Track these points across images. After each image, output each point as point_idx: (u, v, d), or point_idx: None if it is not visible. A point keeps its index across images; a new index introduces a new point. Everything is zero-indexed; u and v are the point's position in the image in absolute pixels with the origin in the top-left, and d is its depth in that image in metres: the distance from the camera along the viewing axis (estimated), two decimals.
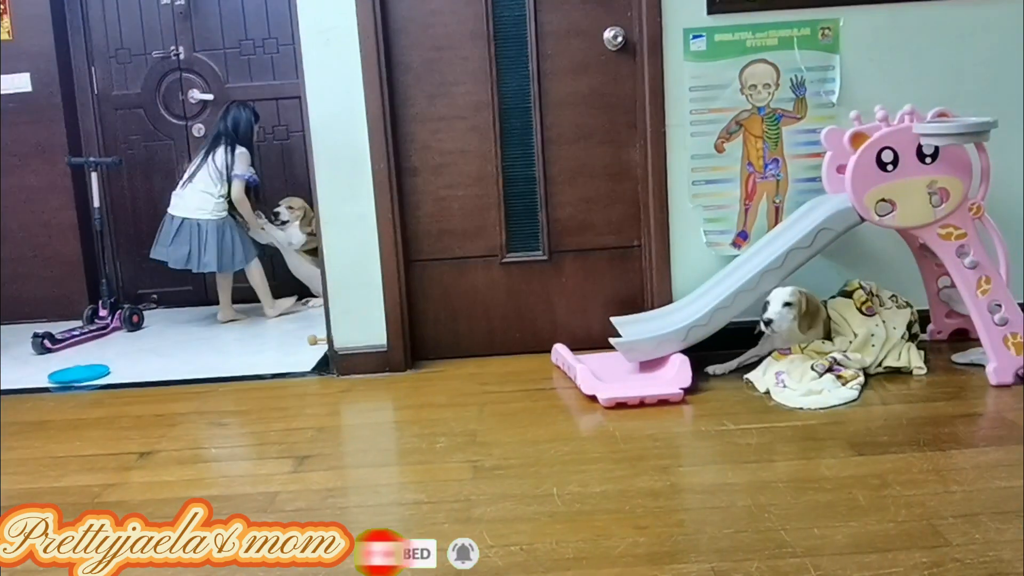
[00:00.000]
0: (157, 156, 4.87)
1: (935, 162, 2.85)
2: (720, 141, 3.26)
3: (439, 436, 2.68)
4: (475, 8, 3.30)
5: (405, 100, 3.35)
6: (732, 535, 1.94)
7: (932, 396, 2.78)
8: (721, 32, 3.21)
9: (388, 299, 3.38)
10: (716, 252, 3.30)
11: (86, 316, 4.42)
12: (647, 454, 2.44)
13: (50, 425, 3.04)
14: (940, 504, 2.03)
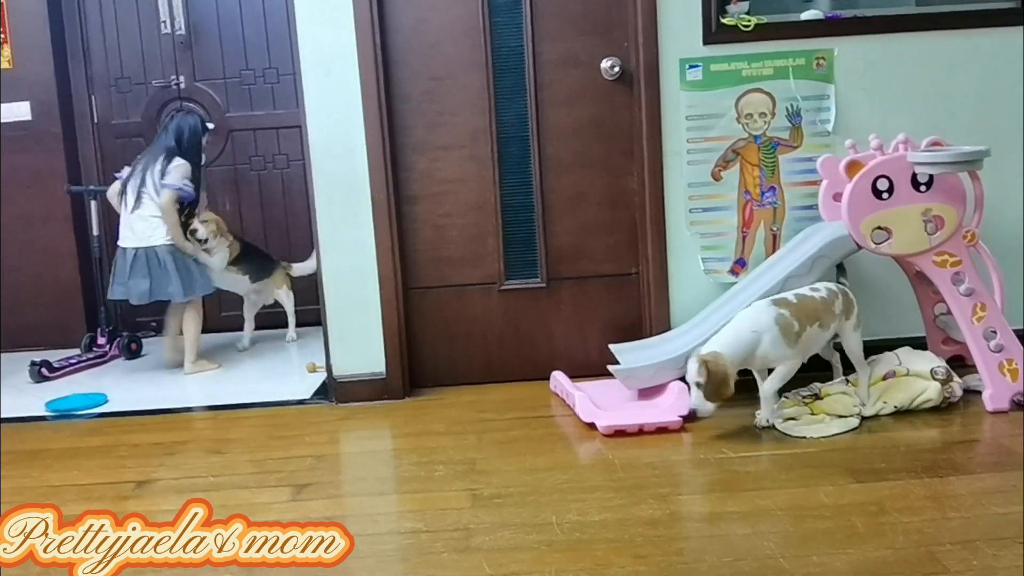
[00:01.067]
0: None
1: (930, 190, 2.88)
2: (717, 169, 3.29)
3: (437, 464, 2.68)
4: (473, 39, 3.34)
5: (404, 129, 3.37)
6: (731, 563, 1.93)
7: (929, 423, 2.78)
8: (717, 62, 3.24)
9: (386, 326, 3.39)
10: (714, 279, 3.32)
11: (84, 344, 4.41)
12: (646, 482, 2.44)
13: (47, 454, 3.03)
14: (938, 531, 2.03)
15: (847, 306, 2.86)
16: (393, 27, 3.32)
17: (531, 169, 3.41)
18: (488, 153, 3.40)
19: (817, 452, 2.58)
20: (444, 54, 3.35)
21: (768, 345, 2.68)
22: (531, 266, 3.48)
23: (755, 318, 2.71)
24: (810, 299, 2.79)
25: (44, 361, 4.09)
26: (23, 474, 2.82)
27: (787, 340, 2.69)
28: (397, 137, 3.37)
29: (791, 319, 2.70)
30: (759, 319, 2.70)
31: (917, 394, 2.86)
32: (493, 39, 3.35)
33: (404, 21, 3.33)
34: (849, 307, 2.86)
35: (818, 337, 2.80)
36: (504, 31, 3.35)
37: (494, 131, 3.39)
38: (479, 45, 3.34)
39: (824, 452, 2.57)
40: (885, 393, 2.88)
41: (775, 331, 2.68)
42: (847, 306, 2.86)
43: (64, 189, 4.66)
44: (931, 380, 2.87)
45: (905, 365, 2.94)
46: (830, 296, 2.82)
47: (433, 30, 3.34)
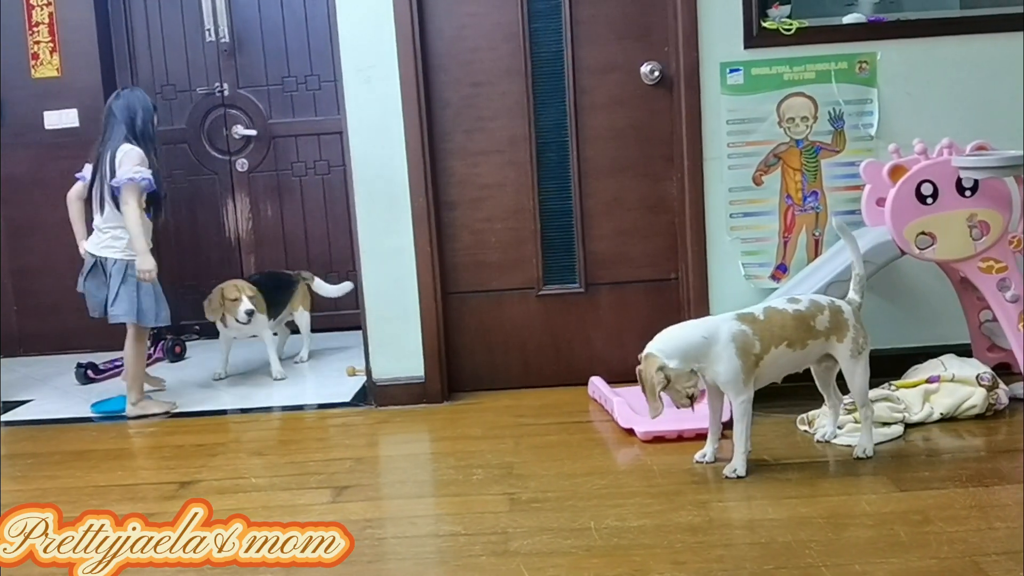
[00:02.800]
0: (201, 190, 4.95)
1: (974, 195, 2.84)
2: (758, 174, 3.27)
3: (475, 468, 2.68)
4: (513, 45, 3.35)
5: (443, 135, 3.39)
6: (772, 571, 1.92)
7: (974, 431, 2.74)
8: (758, 66, 3.23)
9: (426, 331, 3.41)
10: (755, 285, 3.30)
11: None
12: (685, 488, 2.42)
13: (92, 455, 3.07)
14: (983, 540, 2.00)
15: (837, 324, 2.49)
16: (433, 33, 3.35)
17: (569, 174, 3.42)
18: (527, 158, 3.41)
19: (860, 460, 2.54)
20: (483, 60, 3.37)
21: (719, 361, 2.40)
22: (569, 271, 3.48)
23: (713, 326, 2.45)
24: (781, 314, 2.47)
25: (90, 363, 4.16)
26: (69, 474, 2.86)
27: (743, 361, 2.40)
28: (436, 143, 3.39)
29: (752, 339, 2.41)
30: (717, 328, 2.43)
31: (962, 400, 2.81)
32: (532, 45, 3.36)
33: (444, 28, 3.35)
34: (840, 326, 2.49)
35: (787, 359, 2.47)
36: (543, 37, 3.36)
37: (533, 136, 3.39)
38: (518, 51, 3.35)
39: (867, 460, 2.54)
40: (930, 399, 2.84)
41: (730, 349, 2.39)
42: (837, 324, 2.49)
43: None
44: (976, 386, 2.82)
45: (950, 371, 2.90)
46: (812, 309, 2.48)
47: (473, 36, 3.36)
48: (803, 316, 2.48)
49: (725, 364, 2.41)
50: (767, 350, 2.44)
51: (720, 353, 2.41)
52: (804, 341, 2.47)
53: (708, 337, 2.42)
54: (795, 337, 2.46)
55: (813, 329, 2.48)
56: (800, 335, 2.47)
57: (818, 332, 2.48)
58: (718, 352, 2.41)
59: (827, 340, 2.50)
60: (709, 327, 2.46)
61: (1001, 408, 2.85)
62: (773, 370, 2.49)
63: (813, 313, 2.49)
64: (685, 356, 2.40)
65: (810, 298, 2.55)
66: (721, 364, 2.41)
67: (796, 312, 2.48)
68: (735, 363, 2.40)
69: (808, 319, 2.48)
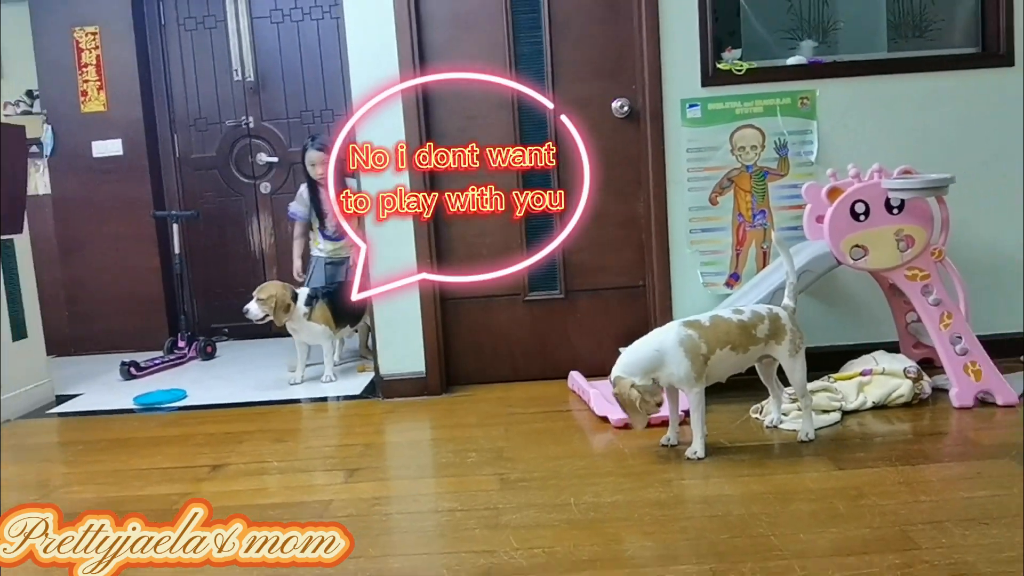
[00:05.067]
0: (229, 210, 4.95)
1: (901, 213, 2.85)
2: (714, 195, 3.28)
3: (470, 452, 2.68)
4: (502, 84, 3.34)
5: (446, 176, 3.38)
6: (728, 540, 1.92)
7: (902, 417, 2.75)
8: (713, 102, 3.24)
9: (426, 332, 3.40)
10: (711, 291, 3.30)
11: (167, 347, 4.46)
12: (652, 468, 2.42)
13: (134, 442, 3.06)
14: (911, 512, 2.00)
15: (775, 330, 2.49)
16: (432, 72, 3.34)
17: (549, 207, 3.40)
18: (514, 181, 3.40)
19: (803, 443, 2.55)
20: (476, 96, 3.36)
21: (672, 365, 2.41)
22: (551, 280, 3.48)
23: (661, 338, 2.45)
24: (725, 322, 2.47)
25: (132, 361, 4.14)
26: (114, 459, 2.85)
27: (692, 362, 2.40)
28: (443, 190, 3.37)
29: (699, 341, 2.41)
30: (664, 339, 2.43)
31: (892, 391, 2.82)
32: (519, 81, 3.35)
33: (441, 67, 3.34)
34: (778, 331, 2.49)
35: (732, 360, 2.48)
36: (528, 75, 3.36)
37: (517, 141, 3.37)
38: (507, 89, 3.35)
39: (809, 443, 2.54)
40: (863, 389, 2.85)
41: (679, 352, 2.40)
42: (775, 330, 2.49)
43: (150, 214, 4.73)
44: (904, 378, 2.84)
45: (880, 365, 2.91)
46: (753, 319, 2.48)
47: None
48: (745, 325, 2.48)
49: (676, 365, 2.42)
50: (713, 351, 2.44)
51: (671, 358, 2.42)
52: (746, 346, 2.48)
53: (659, 349, 2.43)
54: (738, 342, 2.47)
55: (754, 336, 2.48)
56: (743, 340, 2.47)
57: (758, 339, 2.49)
58: (670, 357, 2.42)
59: (767, 344, 2.51)
60: (658, 340, 2.46)
61: (925, 397, 2.86)
62: (720, 368, 2.49)
63: (755, 323, 2.49)
64: (645, 371, 2.41)
65: (752, 309, 2.54)
66: (673, 366, 2.42)
67: (740, 321, 2.48)
68: (685, 363, 2.41)
69: (750, 328, 2.48)
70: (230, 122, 4.89)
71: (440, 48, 3.34)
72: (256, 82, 4.84)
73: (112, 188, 4.76)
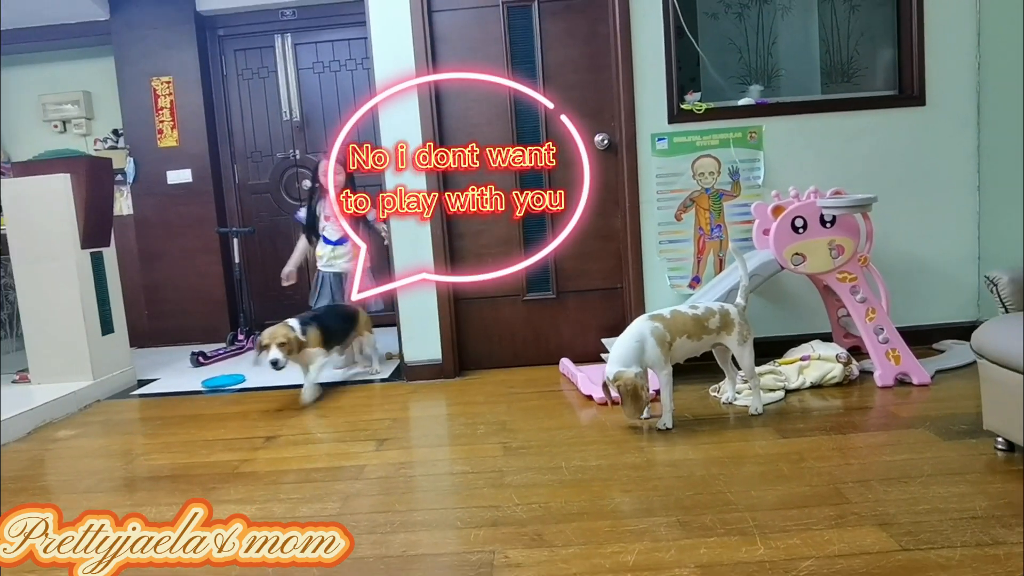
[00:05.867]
0: (279, 227, 4.93)
1: (833, 226, 2.85)
2: (679, 212, 3.28)
3: (479, 425, 2.68)
4: (504, 120, 3.36)
5: (454, 185, 3.38)
6: (692, 496, 1.92)
7: (835, 395, 2.75)
8: (678, 136, 3.24)
9: (442, 326, 3.40)
10: (677, 292, 3.30)
11: (228, 340, 4.45)
12: (629, 438, 2.42)
13: (202, 417, 3.06)
14: (843, 473, 2.01)
15: (725, 323, 2.49)
16: (446, 113, 3.35)
17: (545, 214, 3.41)
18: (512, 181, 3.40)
19: (753, 416, 2.55)
20: (483, 131, 3.37)
21: (648, 350, 2.41)
22: (545, 283, 3.48)
23: (637, 330, 2.44)
24: (683, 315, 2.48)
25: (200, 352, 4.14)
26: (186, 431, 2.86)
27: (661, 348, 2.42)
28: (449, 189, 3.38)
29: (664, 331, 2.43)
30: (640, 331, 2.43)
31: (826, 373, 2.82)
32: (517, 120, 3.36)
33: (454, 110, 3.36)
34: (728, 324, 2.49)
35: (688, 346, 2.48)
36: (525, 115, 3.36)
37: (518, 186, 3.39)
38: (507, 125, 3.36)
39: (758, 416, 2.54)
40: (803, 372, 2.85)
41: (651, 340, 2.41)
42: (725, 323, 2.49)
43: (214, 230, 4.73)
44: (836, 363, 2.83)
45: (817, 351, 2.91)
46: (706, 314, 2.49)
47: (474, 115, 3.36)
48: (699, 318, 2.49)
49: (650, 352, 2.43)
50: (674, 339, 2.46)
51: (648, 345, 2.42)
52: (700, 335, 2.49)
53: (639, 340, 2.43)
54: (693, 331, 2.48)
55: (707, 327, 2.49)
56: (697, 330, 2.48)
57: (710, 329, 2.50)
58: (647, 346, 2.42)
59: (718, 334, 2.52)
60: (636, 333, 2.44)
61: (854, 378, 2.86)
62: (679, 352, 2.49)
63: (707, 317, 2.50)
64: (636, 360, 2.41)
65: (706, 306, 2.53)
66: (649, 352, 2.42)
67: (694, 315, 2.49)
68: (656, 349, 2.42)
69: (703, 320, 2.49)
70: (280, 154, 4.89)
71: (453, 91, 3.34)
72: (301, 121, 4.84)
73: (183, 209, 4.77)
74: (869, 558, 1.55)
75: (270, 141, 4.89)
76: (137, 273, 4.76)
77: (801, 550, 1.60)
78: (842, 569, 1.52)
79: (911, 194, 3.27)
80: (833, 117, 3.25)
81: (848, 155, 3.25)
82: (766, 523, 1.74)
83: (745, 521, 1.75)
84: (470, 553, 1.69)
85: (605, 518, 1.83)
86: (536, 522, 1.83)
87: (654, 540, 1.69)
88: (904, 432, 2.31)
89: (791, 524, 1.72)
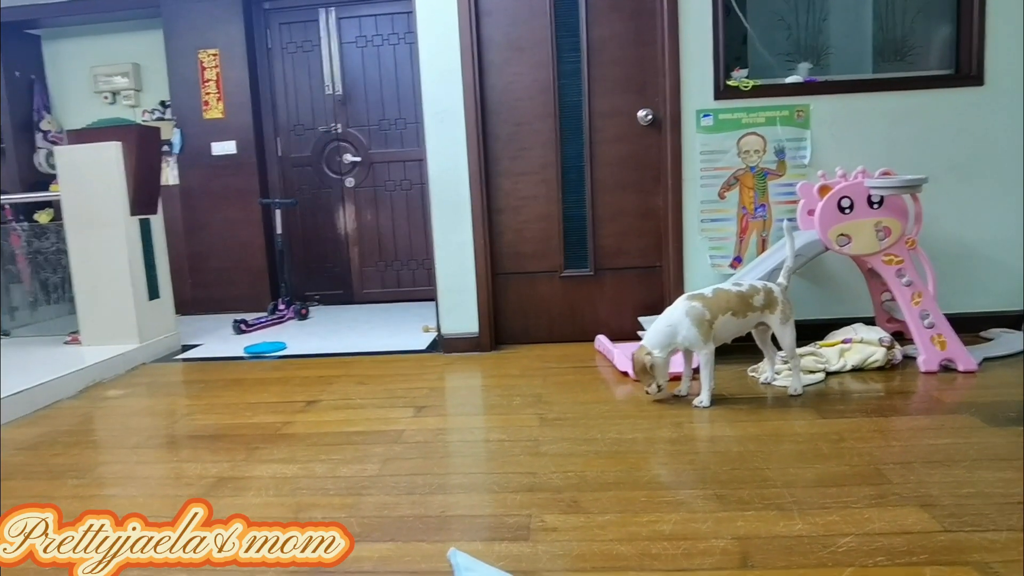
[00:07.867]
0: (320, 200, 4.99)
1: (881, 208, 2.79)
2: (722, 191, 3.24)
3: (515, 396, 2.70)
4: (546, 96, 3.34)
5: (495, 160, 3.39)
6: (729, 471, 1.92)
7: (876, 379, 2.71)
8: (723, 113, 3.19)
9: (480, 300, 3.42)
10: (718, 272, 3.27)
11: (270, 309, 4.53)
12: (665, 413, 2.42)
13: (245, 382, 3.13)
14: (883, 454, 1.98)
15: (769, 301, 2.48)
16: (489, 87, 3.35)
17: (585, 190, 3.40)
18: (554, 177, 3.40)
19: (792, 396, 2.52)
20: (524, 107, 3.36)
21: (683, 332, 2.42)
22: (583, 260, 3.47)
23: (671, 314, 2.45)
24: (726, 292, 2.46)
25: (243, 320, 4.22)
26: (229, 395, 2.93)
27: (699, 328, 2.41)
28: (489, 166, 3.39)
29: (703, 310, 2.42)
30: (673, 314, 2.45)
31: (868, 356, 2.78)
32: (560, 96, 3.35)
33: (497, 83, 3.35)
34: (772, 303, 2.48)
35: (733, 324, 2.46)
36: (568, 90, 3.35)
37: (559, 162, 3.38)
38: (550, 100, 3.34)
39: (797, 397, 2.52)
40: (844, 355, 2.81)
41: (687, 322, 2.41)
42: (769, 301, 2.48)
43: (257, 202, 4.80)
44: (879, 347, 2.79)
45: (859, 334, 2.86)
46: (750, 291, 2.47)
47: (517, 90, 3.35)
48: (744, 295, 2.47)
49: (685, 332, 2.43)
50: (716, 317, 2.43)
51: (681, 327, 2.43)
52: (744, 312, 2.47)
53: (671, 324, 2.45)
54: (738, 308, 2.46)
55: (751, 304, 2.47)
56: (742, 307, 2.46)
57: (755, 307, 2.48)
58: (680, 328, 2.43)
59: (762, 312, 2.49)
60: (669, 317, 2.46)
61: (897, 363, 2.81)
62: (724, 331, 2.48)
63: (751, 294, 2.48)
64: (663, 345, 2.45)
65: (750, 283, 2.52)
66: (683, 333, 2.43)
67: (739, 292, 2.48)
68: (693, 330, 2.42)
69: (748, 298, 2.47)
70: (322, 128, 4.93)
71: (496, 66, 3.33)
72: (343, 95, 4.87)
73: (227, 180, 4.85)
74: (911, 537, 1.54)
75: (312, 115, 4.93)
76: (182, 242, 4.87)
77: (840, 527, 1.59)
78: (882, 546, 1.51)
79: (963, 177, 3.17)
80: (884, 96, 3.17)
81: (898, 136, 3.17)
82: (804, 499, 1.72)
83: (783, 497, 1.74)
84: (507, 516, 1.71)
85: (641, 488, 1.83)
86: (572, 489, 1.84)
87: (690, 511, 1.69)
88: (948, 417, 2.27)
89: (830, 501, 1.71)
